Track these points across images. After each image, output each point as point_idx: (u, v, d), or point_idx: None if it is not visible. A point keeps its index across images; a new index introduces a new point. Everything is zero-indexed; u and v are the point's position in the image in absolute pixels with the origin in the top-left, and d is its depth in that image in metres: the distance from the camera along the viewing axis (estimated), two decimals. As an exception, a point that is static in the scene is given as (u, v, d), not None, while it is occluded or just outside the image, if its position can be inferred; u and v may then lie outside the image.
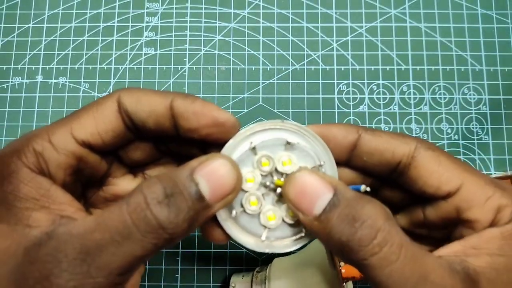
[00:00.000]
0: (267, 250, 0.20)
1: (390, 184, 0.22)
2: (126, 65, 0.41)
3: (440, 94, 0.40)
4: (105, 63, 0.41)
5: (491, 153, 0.39)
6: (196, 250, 0.37)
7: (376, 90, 0.40)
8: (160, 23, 0.42)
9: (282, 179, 0.20)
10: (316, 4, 0.42)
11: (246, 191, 0.19)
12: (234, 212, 0.19)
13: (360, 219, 0.17)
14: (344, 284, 0.28)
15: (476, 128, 0.39)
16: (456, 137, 0.39)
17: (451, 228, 0.20)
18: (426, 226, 0.22)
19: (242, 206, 0.20)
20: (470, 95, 0.40)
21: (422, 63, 0.41)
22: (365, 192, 0.19)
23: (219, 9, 0.42)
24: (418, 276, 0.17)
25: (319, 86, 0.40)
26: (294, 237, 0.20)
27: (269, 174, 0.20)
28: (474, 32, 0.41)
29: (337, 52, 0.41)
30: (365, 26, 0.41)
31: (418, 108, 0.40)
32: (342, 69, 0.40)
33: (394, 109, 0.40)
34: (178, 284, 0.37)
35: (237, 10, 0.42)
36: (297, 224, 0.20)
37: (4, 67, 0.41)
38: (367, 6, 0.42)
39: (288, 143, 0.20)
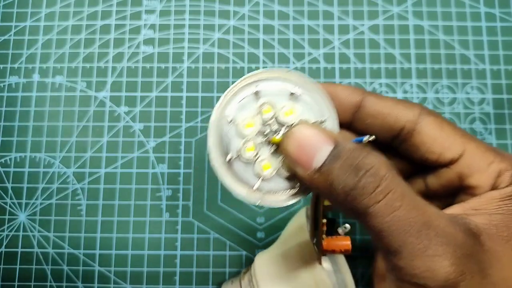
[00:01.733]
0: (258, 202, 0.19)
1: (392, 153, 0.22)
2: (124, 63, 0.40)
3: (443, 93, 0.40)
4: (102, 61, 0.40)
5: (494, 153, 0.38)
6: (195, 252, 0.37)
7: (378, 89, 0.40)
8: (158, 21, 0.41)
9: (281, 133, 0.19)
10: (317, 1, 0.41)
11: (243, 137, 0.19)
12: (229, 156, 0.19)
13: (364, 168, 0.17)
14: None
15: (479, 127, 0.39)
16: (459, 137, 0.39)
17: (452, 196, 0.21)
18: (427, 196, 0.21)
19: (238, 152, 0.19)
20: (473, 94, 0.39)
21: (424, 61, 0.40)
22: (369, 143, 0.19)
23: (218, 7, 0.41)
24: (421, 223, 0.17)
25: (320, 85, 0.40)
26: (288, 192, 0.19)
27: (269, 123, 0.19)
28: (477, 30, 0.41)
29: (339, 51, 0.40)
30: (367, 24, 0.41)
31: (421, 107, 0.39)
32: (344, 68, 0.40)
33: (396, 109, 0.39)
34: (177, 286, 0.36)
35: (236, 7, 0.41)
36: (291, 179, 0.19)
37: (1, 66, 0.40)
38: (369, 4, 0.41)
39: (292, 94, 0.19)
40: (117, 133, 0.39)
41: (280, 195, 0.19)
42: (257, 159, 0.19)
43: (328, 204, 0.23)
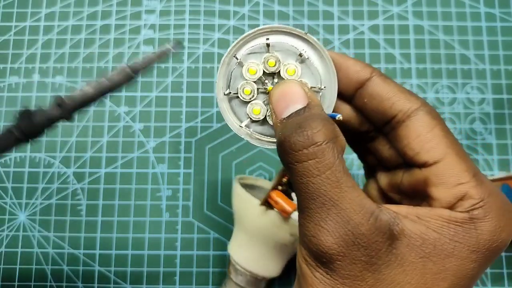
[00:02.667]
0: (243, 137, 0.22)
1: (384, 137, 0.22)
2: (124, 63, 0.40)
3: (443, 93, 0.40)
4: (102, 61, 0.40)
5: (494, 153, 0.38)
6: (195, 252, 0.37)
7: (378, 89, 0.40)
8: (158, 21, 0.41)
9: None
10: (317, 1, 0.41)
11: (244, 80, 0.21)
12: (227, 91, 0.21)
13: (304, 127, 0.18)
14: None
15: (479, 127, 0.39)
16: (459, 137, 0.39)
17: (418, 199, 0.20)
18: (400, 192, 0.22)
19: (236, 91, 0.21)
20: (473, 94, 0.39)
21: (424, 61, 0.40)
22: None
23: (218, 7, 0.41)
24: (329, 198, 0.18)
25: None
26: (271, 139, 0.21)
27: (272, 74, 0.21)
28: (477, 30, 0.41)
29: (339, 51, 0.40)
30: (367, 24, 0.41)
31: (421, 107, 0.39)
32: (344, 68, 0.40)
33: (396, 109, 0.39)
34: (177, 286, 0.36)
35: (236, 7, 0.41)
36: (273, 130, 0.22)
37: (1, 66, 0.40)
38: (369, 4, 0.41)
39: (300, 55, 0.21)
40: (117, 133, 0.39)
41: (265, 138, 0.21)
42: (250, 101, 0.21)
43: None
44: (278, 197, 0.29)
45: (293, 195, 0.30)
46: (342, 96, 0.22)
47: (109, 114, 0.39)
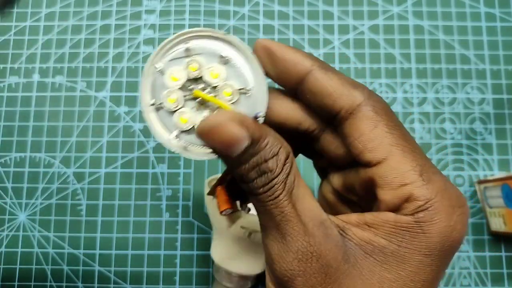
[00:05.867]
0: (173, 150, 0.20)
1: (330, 135, 0.21)
2: (124, 63, 0.40)
3: (443, 93, 0.40)
4: (102, 61, 0.40)
5: (494, 153, 0.38)
6: (195, 252, 0.37)
7: (378, 89, 0.40)
8: (158, 21, 0.41)
9: (205, 92, 0.20)
10: (317, 1, 0.41)
11: (167, 89, 0.20)
12: (152, 101, 0.20)
13: (264, 171, 0.18)
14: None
15: (479, 127, 0.39)
16: (459, 137, 0.39)
17: (369, 198, 0.20)
18: (355, 193, 0.21)
19: (161, 101, 0.20)
20: (473, 94, 0.39)
21: (424, 61, 0.40)
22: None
23: (218, 7, 0.41)
24: (291, 214, 0.17)
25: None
26: (207, 150, 0.20)
27: (196, 80, 0.20)
28: (477, 30, 0.41)
29: (339, 51, 0.40)
30: (367, 24, 0.41)
31: (421, 107, 0.39)
32: (344, 68, 0.40)
33: (396, 109, 0.39)
34: (177, 286, 0.36)
35: (236, 7, 0.41)
36: None
37: (1, 66, 0.40)
38: (369, 4, 0.41)
39: (222, 56, 0.20)
40: (117, 133, 0.39)
41: (200, 149, 0.20)
42: (176, 110, 0.20)
43: None
44: (219, 194, 0.27)
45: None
46: (285, 89, 0.20)
47: (109, 114, 0.39)
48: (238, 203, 0.28)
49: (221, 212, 0.25)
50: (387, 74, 0.40)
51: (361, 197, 0.20)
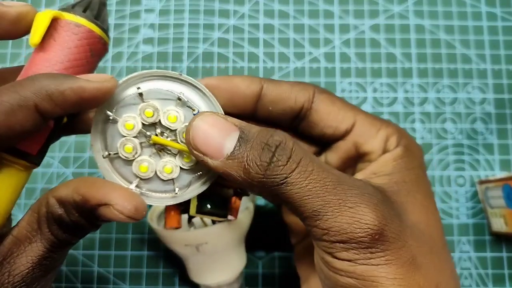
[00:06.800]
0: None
1: (294, 133, 0.24)
2: (123, 63, 0.40)
3: (444, 93, 0.39)
4: (102, 61, 0.40)
5: (495, 153, 0.38)
6: (194, 252, 0.37)
7: (379, 89, 0.40)
8: (158, 20, 0.41)
9: (164, 136, 0.19)
10: (317, 1, 0.41)
11: (123, 136, 0.19)
12: (106, 153, 0.19)
13: (274, 144, 0.18)
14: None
15: (480, 127, 0.39)
16: (460, 137, 0.39)
17: (352, 168, 0.23)
18: None
19: (116, 151, 0.19)
20: (474, 94, 0.39)
21: (425, 61, 0.40)
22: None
23: (218, 6, 0.41)
24: (334, 180, 0.18)
25: (321, 84, 0.39)
26: (168, 194, 0.20)
27: (153, 124, 0.19)
28: (478, 30, 0.40)
29: (339, 50, 0.40)
30: (368, 23, 0.41)
31: (422, 107, 0.39)
32: (344, 68, 0.40)
33: (397, 109, 0.39)
34: (177, 287, 0.36)
35: (236, 6, 0.41)
36: (169, 182, 0.20)
37: (0, 66, 0.40)
38: (370, 3, 0.41)
39: (179, 99, 0.19)
40: (117, 133, 0.39)
41: (165, 195, 0.20)
42: (135, 159, 0.19)
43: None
44: (168, 211, 0.25)
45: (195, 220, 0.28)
46: (245, 117, 0.22)
47: (109, 114, 0.39)
48: (184, 218, 0.26)
49: (165, 227, 0.25)
50: (388, 73, 0.40)
51: (342, 170, 0.22)
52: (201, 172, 0.20)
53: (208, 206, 0.24)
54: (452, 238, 0.37)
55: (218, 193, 0.24)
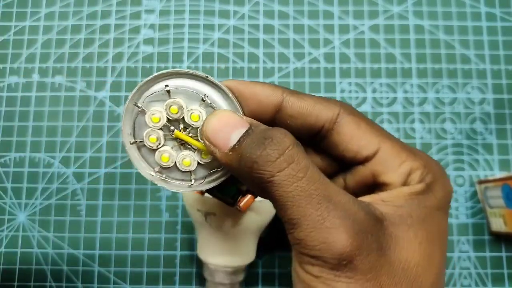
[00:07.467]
0: (157, 183, 0.21)
1: (314, 148, 0.23)
2: (124, 63, 0.40)
3: (443, 93, 0.39)
4: (102, 61, 0.40)
5: (494, 153, 0.38)
6: (195, 252, 0.37)
7: (378, 89, 0.40)
8: (158, 20, 0.41)
9: (186, 132, 0.21)
10: (317, 1, 0.41)
11: (149, 127, 0.21)
12: (132, 140, 0.21)
13: (269, 137, 0.18)
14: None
15: (480, 127, 0.39)
16: (459, 137, 0.39)
17: (369, 193, 0.21)
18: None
19: (142, 139, 0.21)
20: (473, 94, 0.39)
21: (425, 61, 0.40)
22: None
23: (218, 6, 0.41)
24: (322, 195, 0.18)
25: (321, 85, 0.40)
26: (185, 183, 0.21)
27: (177, 120, 0.21)
28: (478, 30, 0.41)
29: (339, 51, 0.40)
30: (367, 24, 0.41)
31: (421, 107, 0.39)
32: (344, 68, 0.40)
33: (397, 109, 0.39)
34: (177, 286, 0.36)
35: (236, 7, 0.41)
36: (187, 174, 0.21)
37: (0, 66, 0.40)
38: (369, 3, 0.41)
39: (203, 100, 0.20)
40: (117, 133, 0.39)
41: (184, 183, 0.21)
42: (158, 149, 0.21)
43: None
44: None
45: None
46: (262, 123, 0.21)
47: (109, 114, 0.39)
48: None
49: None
50: (388, 74, 0.40)
51: (357, 195, 0.22)
52: (216, 169, 0.21)
53: (216, 191, 0.26)
54: (452, 238, 0.37)
55: (235, 184, 0.26)
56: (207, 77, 0.20)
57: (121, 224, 0.37)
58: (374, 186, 0.21)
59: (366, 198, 0.20)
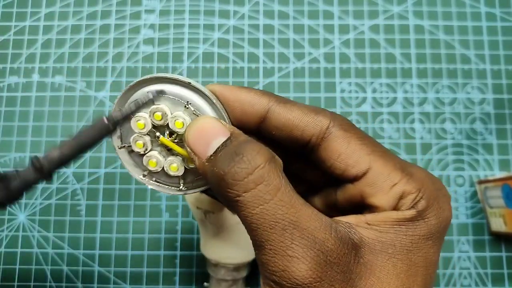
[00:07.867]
0: (147, 185, 0.21)
1: (302, 160, 0.21)
2: (124, 63, 0.40)
3: (443, 93, 0.39)
4: (102, 61, 0.40)
5: (495, 153, 0.38)
6: (195, 252, 0.37)
7: (378, 89, 0.40)
8: (158, 20, 0.41)
9: (172, 137, 0.20)
10: (317, 1, 0.41)
11: (134, 134, 0.20)
12: (120, 145, 0.21)
13: (240, 153, 0.17)
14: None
15: (480, 127, 0.39)
16: (459, 137, 0.39)
17: (359, 211, 0.20)
18: (336, 209, 0.21)
19: (129, 144, 0.21)
20: (473, 94, 0.39)
21: (425, 61, 0.40)
22: None
23: (218, 7, 0.41)
24: (288, 221, 0.17)
25: (321, 85, 0.40)
26: (174, 187, 0.21)
27: (163, 126, 0.20)
28: (478, 30, 0.41)
29: (339, 50, 0.40)
30: (367, 24, 0.41)
31: (421, 107, 0.39)
32: (344, 68, 0.40)
33: (397, 109, 0.39)
34: (177, 286, 0.36)
35: (236, 7, 0.41)
36: (175, 178, 0.21)
37: (0, 66, 0.40)
38: (369, 3, 0.41)
39: (186, 107, 0.20)
40: (117, 133, 0.39)
41: (173, 186, 0.21)
42: (145, 154, 0.21)
43: None
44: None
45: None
46: (246, 130, 0.20)
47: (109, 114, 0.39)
48: None
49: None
50: (388, 74, 0.40)
51: (344, 212, 0.20)
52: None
53: (210, 191, 0.26)
54: (452, 238, 0.37)
55: None
56: (190, 83, 0.20)
57: (121, 224, 0.37)
58: (363, 207, 0.20)
59: (351, 218, 0.19)
